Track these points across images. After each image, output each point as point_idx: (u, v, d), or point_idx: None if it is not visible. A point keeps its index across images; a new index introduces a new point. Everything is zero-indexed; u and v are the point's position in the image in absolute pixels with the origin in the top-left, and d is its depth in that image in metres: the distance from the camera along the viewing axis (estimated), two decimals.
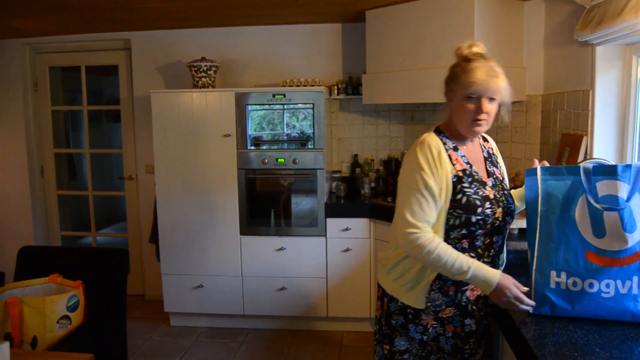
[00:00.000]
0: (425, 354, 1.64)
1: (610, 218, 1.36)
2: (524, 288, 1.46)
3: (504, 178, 1.71)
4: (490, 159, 1.69)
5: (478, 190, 1.55)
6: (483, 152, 1.69)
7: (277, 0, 3.12)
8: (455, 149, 1.60)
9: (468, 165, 1.58)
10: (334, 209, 3.42)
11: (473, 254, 1.56)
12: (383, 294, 1.71)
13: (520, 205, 1.74)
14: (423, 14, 3.10)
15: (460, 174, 1.55)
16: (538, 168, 1.48)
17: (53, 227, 4.42)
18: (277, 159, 3.43)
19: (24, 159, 4.23)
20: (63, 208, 4.48)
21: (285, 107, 3.42)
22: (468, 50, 1.55)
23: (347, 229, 3.39)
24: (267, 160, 3.43)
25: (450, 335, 1.63)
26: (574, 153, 2.48)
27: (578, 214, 1.41)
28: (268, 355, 3.25)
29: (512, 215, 1.63)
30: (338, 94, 3.74)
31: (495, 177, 1.65)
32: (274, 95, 3.39)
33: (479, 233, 1.55)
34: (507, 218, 1.60)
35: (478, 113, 1.50)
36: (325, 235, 3.42)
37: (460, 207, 1.52)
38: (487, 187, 1.58)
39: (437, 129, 1.65)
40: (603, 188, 1.39)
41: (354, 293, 3.44)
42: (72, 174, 4.96)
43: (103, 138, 5.32)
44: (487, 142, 1.75)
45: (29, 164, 4.25)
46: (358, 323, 3.54)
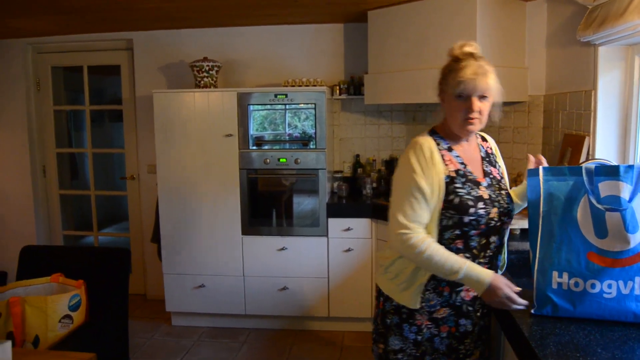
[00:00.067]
0: (420, 354, 1.63)
1: (613, 219, 1.36)
2: (516, 288, 1.46)
3: (503, 178, 1.69)
4: (488, 159, 1.68)
5: (471, 191, 1.54)
6: (480, 151, 1.68)
7: (278, 1, 3.13)
8: (450, 149, 1.60)
9: (462, 166, 1.58)
10: (336, 209, 3.42)
11: (468, 255, 1.55)
12: (379, 293, 1.71)
13: (522, 203, 1.72)
14: (425, 14, 3.10)
15: (453, 175, 1.55)
16: (540, 168, 1.48)
17: (55, 226, 4.43)
18: (279, 159, 3.43)
19: (26, 159, 4.24)
20: (65, 208, 4.49)
21: (287, 107, 3.42)
22: (459, 50, 1.55)
23: (348, 229, 3.39)
24: (269, 160, 3.43)
25: (445, 336, 1.62)
26: (576, 153, 2.48)
27: (580, 215, 1.40)
28: (269, 355, 3.25)
29: (509, 215, 1.62)
30: (340, 94, 3.74)
31: (492, 176, 1.64)
32: (276, 95, 3.40)
33: (473, 233, 1.54)
34: (503, 218, 1.59)
35: (469, 112, 1.50)
36: (327, 236, 3.42)
37: (453, 207, 1.52)
38: (481, 187, 1.57)
39: (432, 130, 1.65)
40: (605, 189, 1.38)
41: (356, 293, 3.44)
42: (74, 174, 4.97)
43: (105, 138, 5.33)
44: (485, 141, 1.74)
45: (31, 164, 4.26)
46: (359, 323, 3.54)
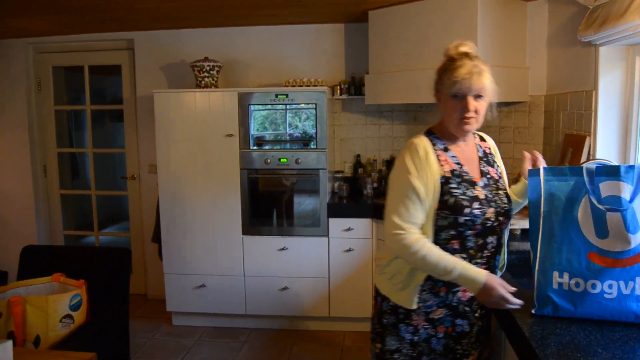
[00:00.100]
0: (417, 355, 1.63)
1: (613, 219, 1.36)
2: (511, 288, 1.45)
3: (501, 178, 1.68)
4: (486, 159, 1.67)
5: (466, 191, 1.54)
6: (478, 151, 1.67)
7: (278, 1, 3.13)
8: (446, 150, 1.59)
9: (458, 166, 1.58)
10: (337, 209, 3.42)
11: (465, 255, 1.55)
12: (377, 293, 1.71)
13: (521, 201, 1.71)
14: (426, 14, 3.10)
15: (448, 175, 1.54)
16: (541, 168, 1.48)
17: (56, 226, 4.43)
18: (279, 159, 3.43)
19: (27, 159, 4.24)
20: (66, 207, 4.49)
21: (288, 107, 3.42)
22: (454, 50, 1.55)
23: (349, 229, 3.39)
24: (269, 160, 3.43)
25: (442, 336, 1.62)
26: (577, 154, 2.48)
27: (581, 215, 1.40)
28: (270, 355, 3.25)
29: (507, 215, 1.61)
30: (341, 94, 3.74)
31: (490, 176, 1.63)
32: (277, 95, 3.40)
33: (469, 234, 1.54)
34: (500, 218, 1.58)
35: (465, 111, 1.50)
36: (328, 235, 3.42)
37: (447, 208, 1.52)
38: (477, 187, 1.57)
39: (428, 131, 1.65)
40: (606, 189, 1.38)
41: (356, 293, 3.43)
42: (75, 174, 4.97)
43: (106, 138, 5.32)
44: (484, 141, 1.73)
45: (32, 164, 4.26)
46: (360, 323, 3.54)
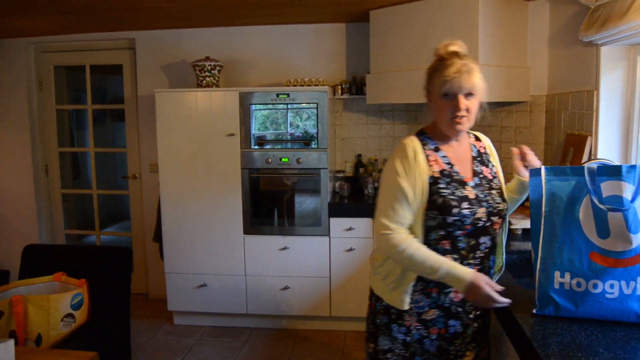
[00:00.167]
0: (409, 355, 1.63)
1: (615, 219, 1.36)
2: (498, 287, 1.45)
3: (495, 177, 1.65)
4: (480, 158, 1.65)
5: (455, 191, 1.53)
6: (472, 151, 1.65)
7: (279, 0, 3.13)
8: (437, 150, 1.59)
9: (448, 166, 1.57)
10: (338, 209, 3.42)
11: (456, 256, 1.54)
12: (371, 293, 1.72)
13: (518, 197, 1.69)
14: (427, 14, 3.10)
15: (437, 175, 1.54)
16: (542, 168, 1.48)
17: (57, 225, 4.44)
18: (280, 159, 3.43)
19: (29, 158, 4.25)
20: (67, 207, 4.50)
21: (289, 106, 3.43)
22: (444, 50, 1.55)
23: (350, 229, 3.39)
24: (270, 160, 3.43)
25: (435, 338, 1.62)
26: (578, 153, 2.47)
27: (582, 215, 1.40)
28: (271, 355, 3.26)
29: (500, 215, 1.59)
30: (342, 94, 3.74)
31: (483, 176, 1.61)
32: (278, 95, 3.40)
33: (459, 234, 1.53)
34: (493, 218, 1.56)
35: (456, 110, 1.49)
36: (329, 235, 3.42)
37: (436, 208, 1.51)
38: (467, 187, 1.55)
39: (420, 131, 1.65)
40: (607, 188, 1.38)
41: (357, 293, 3.43)
42: (76, 173, 4.97)
43: (107, 137, 5.33)
44: (479, 141, 1.71)
45: (34, 163, 4.27)
46: (361, 323, 3.49)
